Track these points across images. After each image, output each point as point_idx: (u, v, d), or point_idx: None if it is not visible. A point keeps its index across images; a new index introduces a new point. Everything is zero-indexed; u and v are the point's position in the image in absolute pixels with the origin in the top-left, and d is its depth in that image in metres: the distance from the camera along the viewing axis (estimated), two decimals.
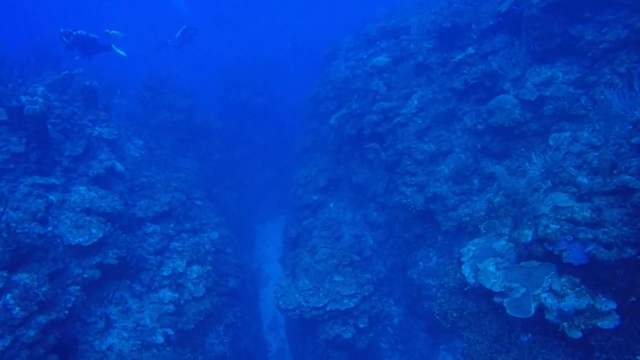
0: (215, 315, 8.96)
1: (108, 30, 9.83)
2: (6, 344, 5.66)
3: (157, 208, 9.51)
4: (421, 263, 9.88)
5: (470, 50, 9.93)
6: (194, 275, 8.58)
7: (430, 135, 10.25)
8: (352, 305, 9.23)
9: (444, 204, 9.14)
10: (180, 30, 13.70)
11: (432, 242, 9.78)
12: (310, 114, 16.67)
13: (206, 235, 10.35)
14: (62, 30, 9.47)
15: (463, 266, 6.47)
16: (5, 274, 6.06)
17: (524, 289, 5.28)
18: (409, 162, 10.38)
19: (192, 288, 8.37)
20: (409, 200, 9.93)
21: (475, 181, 8.90)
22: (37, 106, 8.32)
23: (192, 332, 8.44)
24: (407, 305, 10.70)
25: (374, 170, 12.30)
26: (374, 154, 11.73)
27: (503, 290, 5.52)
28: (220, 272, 9.82)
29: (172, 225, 9.53)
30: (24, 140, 8.33)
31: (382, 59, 12.58)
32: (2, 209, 6.68)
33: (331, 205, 13.45)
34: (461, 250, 6.87)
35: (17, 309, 5.83)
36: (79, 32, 9.54)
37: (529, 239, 5.63)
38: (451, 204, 9.00)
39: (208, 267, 8.96)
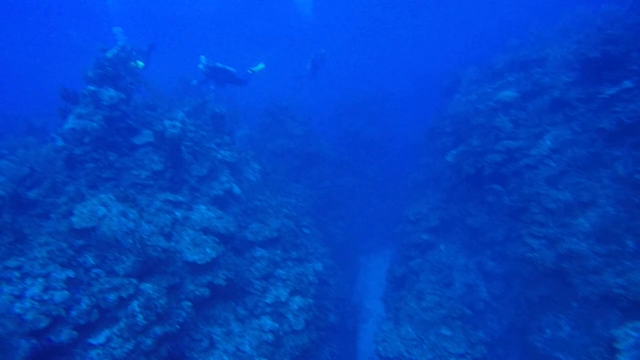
0: (312, 350, 8.76)
1: (250, 70, 10.80)
2: (130, 348, 6.17)
3: (266, 233, 9.83)
4: (548, 330, 8.44)
5: (628, 83, 8.42)
6: (295, 307, 8.54)
7: (565, 182, 8.86)
8: None
9: (582, 265, 7.70)
10: (310, 59, 14.19)
11: (564, 308, 8.29)
12: (424, 148, 16.02)
13: (311, 265, 10.34)
14: (201, 58, 10.66)
15: (619, 356, 5.17)
16: (135, 282, 6.70)
17: None
18: (537, 210, 9.10)
19: (293, 320, 8.33)
20: (535, 254, 8.64)
21: (630, 243, 7.31)
22: (175, 130, 9.38)
23: None
24: None
25: (492, 215, 11.12)
26: (494, 196, 10.61)
27: None
28: (321, 306, 9.66)
29: (279, 252, 9.73)
30: (162, 159, 9.41)
31: (509, 94, 11.49)
32: (138, 223, 7.53)
33: (442, 247, 12.49)
34: (614, 333, 5.56)
35: (141, 316, 6.36)
36: (217, 64, 10.62)
37: None
38: (592, 266, 7.52)
39: (310, 300, 8.85)
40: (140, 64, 11.27)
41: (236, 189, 10.37)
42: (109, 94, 9.19)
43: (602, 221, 7.74)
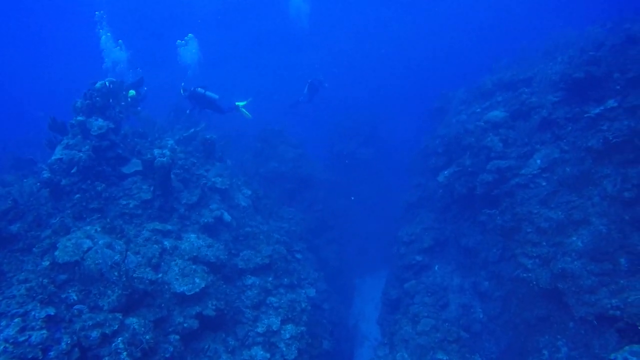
0: None
1: (238, 103, 10.78)
2: None
3: (258, 260, 9.66)
4: (546, 352, 8.30)
5: (612, 102, 8.52)
6: (287, 336, 8.32)
7: (557, 201, 8.85)
8: None
9: (577, 284, 7.60)
10: (307, 84, 14.23)
11: (561, 329, 8.14)
12: (417, 169, 16.02)
13: (303, 291, 10.15)
14: (183, 84, 10.63)
15: None
16: (120, 317, 6.50)
17: None
18: (530, 230, 9.06)
19: (285, 349, 8.09)
20: (529, 274, 8.55)
21: (623, 261, 7.24)
22: (164, 158, 9.30)
23: None
24: None
25: (486, 234, 11.04)
26: (487, 216, 10.55)
27: None
28: (314, 333, 9.43)
29: (270, 279, 9.54)
30: (151, 188, 9.31)
31: (497, 114, 11.59)
32: (124, 255, 7.37)
33: (436, 268, 12.34)
34: (612, 358, 5.41)
35: (125, 354, 6.12)
36: (198, 89, 10.56)
37: None
38: (587, 286, 7.43)
39: (302, 328, 8.64)
40: (132, 92, 11.27)
41: (227, 216, 10.24)
42: (98, 123, 9.16)
43: (595, 240, 7.68)
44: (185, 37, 10.79)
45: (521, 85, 12.47)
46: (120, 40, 10.69)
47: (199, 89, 10.33)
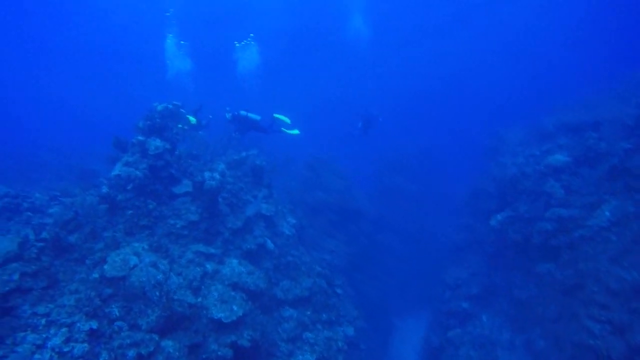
0: None
1: (276, 115, 10.92)
2: None
3: (297, 292, 9.45)
4: None
5: None
6: None
7: (630, 260, 7.98)
8: None
9: None
10: (361, 118, 14.18)
11: None
12: (465, 209, 15.35)
13: (342, 329, 9.74)
14: (227, 108, 10.93)
15: None
16: (157, 338, 6.49)
17: None
18: (596, 289, 8.20)
19: None
20: (597, 341, 7.66)
21: None
22: (214, 182, 9.49)
23: None
24: None
25: (543, 288, 10.16)
26: (545, 269, 9.75)
27: None
28: None
29: (309, 313, 9.26)
30: (199, 210, 9.48)
31: (560, 158, 10.90)
32: (167, 275, 7.44)
33: (484, 319, 11.49)
34: None
35: None
36: (240, 112, 10.83)
37: None
38: None
39: None
40: (193, 119, 11.76)
41: (269, 244, 10.19)
42: (155, 143, 9.56)
43: None
44: (245, 40, 10.80)
45: (587, 129, 11.69)
46: (182, 42, 11.03)
47: (242, 111, 10.63)
